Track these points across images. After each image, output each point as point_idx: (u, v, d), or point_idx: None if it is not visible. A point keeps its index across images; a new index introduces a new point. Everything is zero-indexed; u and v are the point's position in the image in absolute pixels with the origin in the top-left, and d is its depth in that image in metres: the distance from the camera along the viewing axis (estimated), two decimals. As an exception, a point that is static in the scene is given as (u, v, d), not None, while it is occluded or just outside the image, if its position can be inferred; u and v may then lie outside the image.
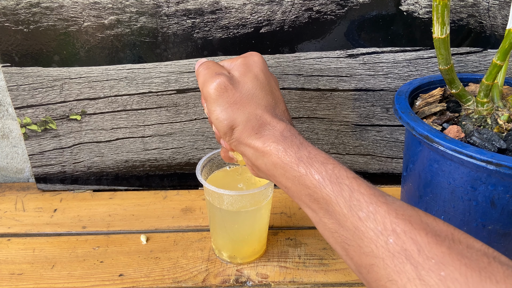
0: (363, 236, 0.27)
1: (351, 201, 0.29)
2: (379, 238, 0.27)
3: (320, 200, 0.31)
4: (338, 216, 0.29)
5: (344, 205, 0.29)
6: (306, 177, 0.31)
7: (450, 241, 0.25)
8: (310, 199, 0.32)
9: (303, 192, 0.32)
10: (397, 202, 0.29)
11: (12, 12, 0.52)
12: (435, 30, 0.39)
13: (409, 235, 0.26)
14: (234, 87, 0.36)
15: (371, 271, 0.27)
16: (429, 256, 0.24)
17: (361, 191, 0.29)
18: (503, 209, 0.36)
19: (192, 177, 0.64)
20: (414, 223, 0.26)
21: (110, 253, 0.51)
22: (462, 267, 0.23)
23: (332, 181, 0.30)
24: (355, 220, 0.28)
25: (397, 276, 0.25)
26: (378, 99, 0.58)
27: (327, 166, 0.31)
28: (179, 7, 0.52)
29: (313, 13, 0.52)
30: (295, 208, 0.59)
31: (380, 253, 0.26)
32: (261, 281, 0.47)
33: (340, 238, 0.30)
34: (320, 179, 0.31)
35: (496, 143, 0.38)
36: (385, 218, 0.27)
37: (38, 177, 0.63)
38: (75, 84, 0.56)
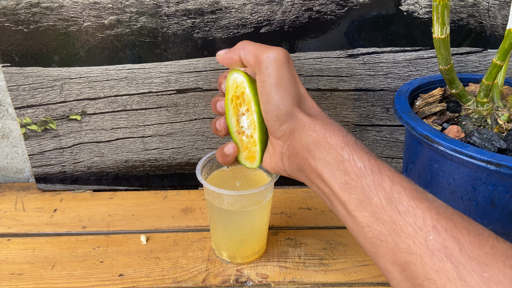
0: (400, 231, 0.26)
1: (392, 193, 0.28)
2: (418, 234, 0.25)
3: (357, 189, 0.29)
4: (375, 208, 0.28)
5: (383, 197, 0.28)
6: (348, 163, 0.30)
7: (493, 241, 0.24)
8: (345, 188, 0.30)
9: (339, 179, 0.31)
10: (438, 200, 0.28)
11: (12, 12, 0.52)
12: (435, 30, 0.39)
13: (451, 233, 0.24)
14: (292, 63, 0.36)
15: (406, 269, 0.26)
16: (471, 256, 0.23)
17: (403, 184, 0.28)
18: (503, 209, 0.36)
19: (192, 177, 0.64)
20: (455, 222, 0.25)
21: (110, 253, 0.51)
22: (506, 269, 0.22)
23: (374, 171, 0.29)
24: (394, 213, 0.27)
25: (436, 274, 0.24)
26: (378, 99, 0.58)
27: (370, 156, 0.31)
28: (179, 7, 0.52)
29: (313, 13, 0.52)
30: (295, 208, 0.59)
31: (418, 250, 0.25)
32: (261, 281, 0.47)
33: (372, 232, 0.28)
34: (362, 167, 0.30)
35: (496, 143, 0.38)
36: (425, 214, 0.26)
37: (38, 177, 0.63)
38: (75, 84, 0.56)
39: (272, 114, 0.35)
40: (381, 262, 0.28)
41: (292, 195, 0.62)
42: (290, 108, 0.34)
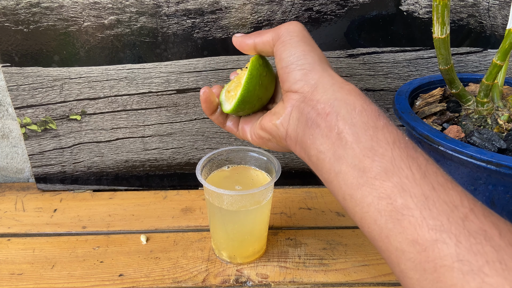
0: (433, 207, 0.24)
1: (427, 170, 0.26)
2: (454, 213, 0.24)
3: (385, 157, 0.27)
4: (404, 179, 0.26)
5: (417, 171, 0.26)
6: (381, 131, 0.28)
7: None
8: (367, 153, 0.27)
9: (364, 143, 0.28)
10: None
11: (12, 12, 0.52)
12: (435, 30, 0.39)
13: (489, 219, 0.23)
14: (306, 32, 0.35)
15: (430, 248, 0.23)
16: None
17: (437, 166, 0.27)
18: (503, 209, 0.36)
19: (192, 177, 0.64)
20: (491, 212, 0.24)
21: (110, 253, 0.51)
22: None
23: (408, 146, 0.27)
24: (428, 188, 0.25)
25: (472, 256, 0.22)
26: (378, 99, 0.58)
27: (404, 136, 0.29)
28: (179, 7, 0.52)
29: (313, 13, 0.52)
30: (295, 208, 0.59)
31: (453, 228, 0.23)
32: (261, 281, 0.47)
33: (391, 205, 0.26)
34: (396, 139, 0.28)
35: (496, 143, 0.38)
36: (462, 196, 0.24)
37: (38, 177, 0.63)
38: (75, 84, 0.56)
39: (297, 63, 0.32)
40: (396, 240, 0.25)
41: (292, 195, 0.62)
42: (318, 60, 0.32)
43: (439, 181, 0.25)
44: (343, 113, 0.29)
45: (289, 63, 0.33)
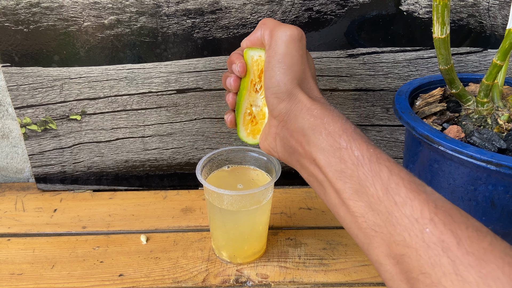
0: (396, 223, 0.25)
1: (389, 184, 0.27)
2: (414, 227, 0.24)
3: (353, 178, 0.28)
4: (370, 198, 0.27)
5: (380, 187, 0.27)
6: (345, 151, 0.29)
7: (492, 237, 0.23)
8: (340, 176, 0.29)
9: (334, 166, 0.30)
10: (436, 194, 0.27)
11: (12, 12, 0.52)
12: (435, 30, 0.39)
13: (448, 227, 0.24)
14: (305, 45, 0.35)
15: (401, 262, 0.25)
16: (469, 251, 0.22)
17: (401, 175, 0.27)
18: (503, 209, 0.36)
19: (192, 177, 0.64)
20: (454, 216, 0.24)
21: (110, 253, 0.51)
22: (505, 266, 0.21)
23: (372, 161, 0.28)
24: (390, 204, 0.26)
25: (431, 269, 0.23)
26: (378, 99, 0.58)
27: (369, 146, 0.30)
28: (179, 7, 0.52)
29: (313, 13, 0.52)
30: (295, 208, 0.59)
31: (414, 242, 0.24)
32: (261, 281, 0.47)
33: (367, 223, 0.27)
34: (360, 156, 0.29)
35: (496, 143, 0.38)
36: (423, 206, 0.25)
37: (38, 177, 0.63)
38: (75, 84, 0.56)
39: (272, 90, 0.34)
40: (374, 254, 0.27)
41: (292, 195, 0.62)
42: (290, 87, 0.33)
43: (400, 194, 0.26)
44: (313, 140, 0.31)
45: (268, 86, 0.34)
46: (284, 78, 0.33)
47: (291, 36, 0.34)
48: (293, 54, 0.34)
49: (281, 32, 0.34)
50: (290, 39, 0.34)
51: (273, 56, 0.34)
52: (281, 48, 0.34)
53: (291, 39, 0.34)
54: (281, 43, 0.34)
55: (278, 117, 0.34)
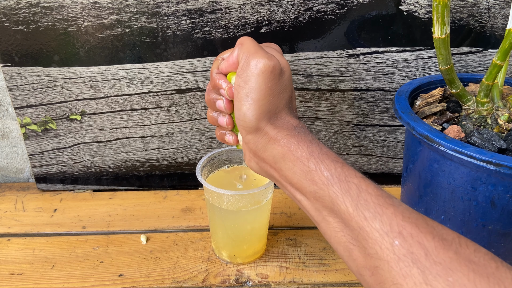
0: (367, 237, 0.27)
1: (358, 200, 0.28)
2: (384, 240, 0.26)
3: (325, 197, 0.30)
4: (343, 215, 0.29)
5: (350, 204, 0.28)
6: (315, 173, 0.31)
7: (457, 246, 0.24)
8: (314, 196, 0.31)
9: (308, 188, 0.31)
10: (403, 205, 0.28)
11: (12, 12, 0.52)
12: (435, 30, 0.39)
13: (416, 239, 0.25)
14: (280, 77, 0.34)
15: (375, 273, 0.26)
16: (437, 261, 0.24)
17: (369, 191, 0.29)
18: (503, 209, 0.36)
19: (192, 177, 0.64)
20: (420, 227, 0.26)
21: (110, 253, 0.51)
22: (470, 273, 0.23)
23: (341, 179, 0.30)
24: (361, 219, 0.28)
25: (403, 280, 0.24)
26: (378, 99, 0.58)
27: (337, 164, 0.31)
28: (179, 7, 0.52)
29: (313, 13, 0.52)
30: (295, 208, 0.59)
31: (385, 255, 0.26)
32: (261, 281, 0.47)
33: (345, 237, 0.29)
34: (329, 176, 0.30)
35: (496, 143, 0.38)
36: (391, 220, 0.27)
37: (38, 177, 0.63)
38: (75, 84, 0.56)
39: (239, 121, 0.35)
40: (353, 265, 0.29)
41: (292, 195, 0.62)
42: (256, 123, 0.34)
43: (370, 208, 0.28)
44: (284, 167, 0.33)
45: (236, 116, 0.35)
46: (249, 113, 0.34)
47: (261, 69, 0.33)
48: (261, 88, 0.33)
49: (253, 62, 0.33)
50: (260, 72, 0.33)
51: (242, 87, 0.34)
52: (250, 80, 0.33)
53: (261, 72, 0.33)
54: (251, 75, 0.33)
55: (248, 145, 0.36)
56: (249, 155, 0.37)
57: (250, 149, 0.36)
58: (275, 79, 0.34)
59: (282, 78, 0.35)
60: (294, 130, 0.34)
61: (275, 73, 0.34)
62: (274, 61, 0.33)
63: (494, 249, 0.39)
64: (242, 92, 0.34)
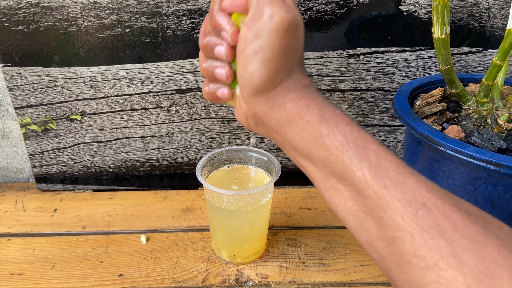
0: (387, 207, 0.25)
1: (377, 168, 0.26)
2: (407, 210, 0.24)
3: (337, 164, 0.27)
4: (358, 183, 0.27)
5: (368, 172, 0.26)
6: (328, 137, 0.28)
7: (483, 221, 0.23)
8: (324, 163, 0.28)
9: (317, 154, 0.28)
10: (423, 176, 0.26)
11: (12, 12, 0.52)
12: (435, 30, 0.39)
13: (442, 211, 0.24)
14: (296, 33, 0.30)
15: (392, 244, 0.25)
16: (465, 234, 0.23)
17: (388, 158, 0.27)
18: (503, 209, 0.36)
19: (192, 177, 0.64)
20: (445, 199, 0.24)
21: (110, 253, 0.51)
22: (500, 248, 0.22)
23: (357, 145, 0.27)
24: (380, 188, 0.26)
25: (427, 252, 0.23)
26: (378, 99, 0.58)
27: (353, 128, 0.28)
28: (179, 7, 0.52)
29: (313, 13, 0.52)
30: (295, 208, 0.59)
31: (407, 226, 0.24)
32: (261, 281, 0.47)
33: (356, 206, 0.27)
34: (344, 140, 0.27)
35: (496, 143, 0.38)
36: (414, 190, 0.25)
37: (38, 177, 0.63)
38: (75, 84, 0.56)
39: (243, 79, 0.30)
40: (364, 236, 0.27)
41: (292, 195, 0.62)
42: (264, 86, 0.30)
43: (390, 177, 0.26)
44: (289, 131, 0.30)
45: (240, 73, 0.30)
46: (257, 74, 0.29)
47: (277, 25, 0.28)
48: (275, 47, 0.28)
49: (268, 13, 0.28)
50: (276, 28, 0.28)
51: (251, 42, 0.28)
52: (262, 36, 0.28)
53: (276, 28, 0.28)
54: (264, 30, 0.28)
55: (249, 105, 0.32)
56: (247, 115, 0.33)
57: (250, 109, 0.32)
58: (291, 36, 0.29)
59: (298, 35, 0.30)
60: (304, 90, 0.31)
61: (292, 29, 0.29)
62: (292, 14, 0.28)
63: None
64: (250, 48, 0.29)
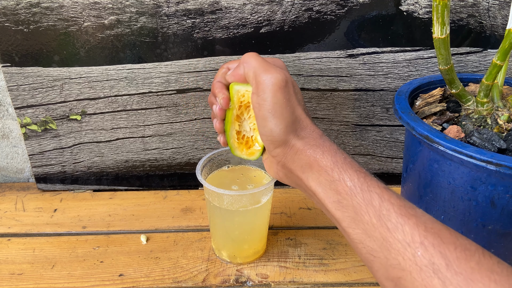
0: (390, 248, 0.27)
1: (381, 210, 0.29)
2: (407, 250, 0.26)
3: (349, 207, 0.30)
4: (366, 225, 0.29)
5: (373, 215, 0.29)
6: (339, 183, 0.31)
7: (480, 256, 0.24)
8: (337, 206, 0.31)
9: (332, 198, 0.32)
10: (426, 215, 0.28)
11: (12, 12, 0.52)
12: (435, 30, 0.39)
13: (438, 249, 0.25)
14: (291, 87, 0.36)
15: (398, 284, 0.27)
16: (458, 271, 0.24)
17: (391, 201, 0.29)
18: (503, 209, 0.36)
19: (192, 177, 0.64)
20: (443, 237, 0.26)
21: (110, 253, 0.51)
22: (491, 283, 0.23)
23: (363, 189, 0.30)
24: (384, 230, 0.28)
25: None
26: (378, 99, 0.58)
27: (359, 174, 0.31)
28: (179, 7, 0.52)
29: (313, 13, 0.52)
30: (295, 208, 0.59)
31: (408, 266, 0.26)
32: (261, 281, 0.47)
33: (365, 248, 0.29)
34: (352, 186, 0.31)
35: (496, 143, 0.38)
36: (413, 230, 0.27)
37: (38, 177, 0.63)
38: (75, 84, 0.56)
39: (266, 137, 0.36)
40: (376, 276, 0.29)
41: (292, 195, 0.62)
42: (284, 136, 0.35)
43: (392, 219, 0.28)
44: (311, 176, 0.34)
45: (262, 133, 0.36)
46: (276, 128, 0.35)
47: (276, 85, 0.34)
48: (281, 102, 0.34)
49: (266, 81, 0.34)
50: (277, 87, 0.34)
51: (263, 105, 0.35)
52: (269, 97, 0.34)
53: (277, 87, 0.34)
54: (269, 93, 0.34)
55: (276, 158, 0.37)
56: (277, 168, 0.38)
57: (278, 161, 0.37)
58: (290, 90, 0.35)
59: (293, 88, 0.36)
60: (320, 139, 0.35)
61: (288, 85, 0.35)
62: (283, 75, 0.35)
63: (494, 249, 0.39)
64: (264, 110, 0.35)
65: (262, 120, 0.35)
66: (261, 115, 0.35)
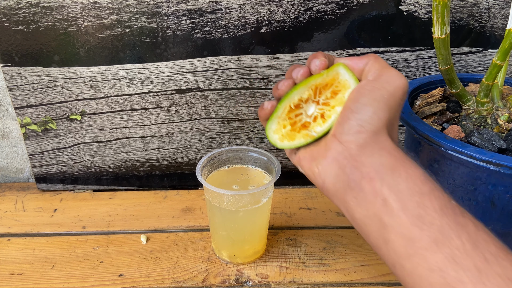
0: (487, 281, 0.24)
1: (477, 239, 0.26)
2: (509, 286, 0.24)
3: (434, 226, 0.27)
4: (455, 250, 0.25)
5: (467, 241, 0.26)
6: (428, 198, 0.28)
7: None
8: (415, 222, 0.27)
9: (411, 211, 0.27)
10: None
11: (12, 12, 0.52)
12: (435, 30, 0.39)
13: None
14: (404, 99, 0.33)
15: None
16: None
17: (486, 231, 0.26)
18: (503, 209, 0.36)
19: (192, 177, 0.64)
20: None
21: (110, 253, 0.51)
22: None
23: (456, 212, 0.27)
24: (480, 260, 0.25)
25: None
26: (378, 99, 0.58)
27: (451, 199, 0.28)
28: (179, 7, 0.52)
29: (313, 13, 0.52)
30: (295, 208, 0.59)
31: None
32: (261, 281, 0.47)
33: (443, 279, 0.25)
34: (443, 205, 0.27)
35: (496, 143, 0.38)
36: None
37: (38, 177, 0.63)
38: (75, 84, 0.56)
39: (359, 116, 0.31)
40: None
41: (292, 195, 0.62)
42: (380, 124, 0.30)
43: (491, 251, 0.25)
44: (387, 179, 0.29)
45: (355, 109, 0.31)
46: (381, 113, 0.30)
47: (404, 84, 0.31)
48: (397, 99, 0.31)
49: (396, 77, 0.31)
50: (403, 85, 0.31)
51: (380, 89, 0.31)
52: (392, 87, 0.31)
53: (403, 85, 0.31)
54: (393, 83, 0.31)
55: (347, 143, 0.31)
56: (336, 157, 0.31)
57: (349, 148, 0.30)
58: (404, 98, 0.32)
59: (403, 99, 0.33)
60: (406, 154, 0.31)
61: (405, 96, 0.32)
62: (407, 82, 0.33)
63: (494, 249, 0.39)
64: (379, 93, 0.31)
65: (369, 100, 0.31)
66: (372, 96, 0.31)
